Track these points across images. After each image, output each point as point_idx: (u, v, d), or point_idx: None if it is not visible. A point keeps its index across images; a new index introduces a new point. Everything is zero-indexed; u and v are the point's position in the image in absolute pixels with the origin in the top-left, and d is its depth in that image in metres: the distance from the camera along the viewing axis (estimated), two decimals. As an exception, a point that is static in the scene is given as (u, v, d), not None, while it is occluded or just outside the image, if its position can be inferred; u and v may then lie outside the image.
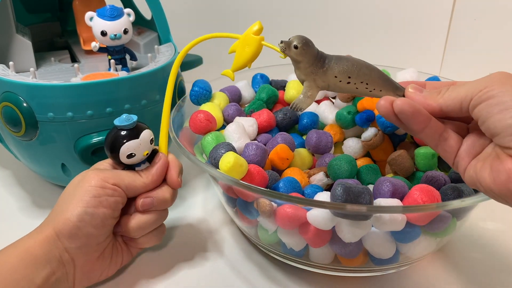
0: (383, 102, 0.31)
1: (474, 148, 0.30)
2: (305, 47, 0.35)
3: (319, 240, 0.35)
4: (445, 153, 0.31)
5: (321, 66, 0.35)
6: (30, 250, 0.32)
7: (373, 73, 0.35)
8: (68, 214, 0.33)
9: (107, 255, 0.37)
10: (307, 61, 0.35)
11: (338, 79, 0.35)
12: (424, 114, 0.30)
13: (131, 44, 0.51)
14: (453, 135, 0.30)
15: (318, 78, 0.35)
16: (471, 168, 0.29)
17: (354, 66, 0.35)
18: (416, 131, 0.30)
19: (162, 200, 0.37)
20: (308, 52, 0.35)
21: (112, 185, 0.35)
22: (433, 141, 0.31)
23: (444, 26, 0.67)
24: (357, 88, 0.35)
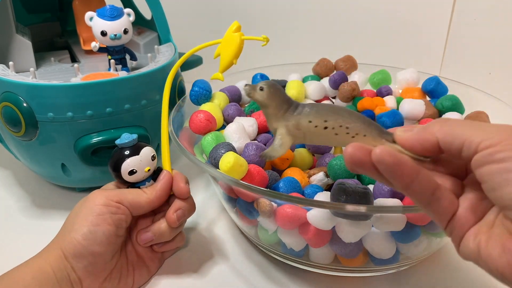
0: (352, 150, 0.24)
1: (475, 214, 0.24)
2: (272, 89, 0.32)
3: (319, 240, 0.35)
4: (437, 216, 0.25)
5: (292, 110, 0.32)
6: (42, 269, 0.32)
7: (353, 116, 0.31)
8: (73, 233, 0.33)
9: (115, 276, 0.36)
10: (276, 105, 0.32)
11: (313, 124, 0.32)
12: (410, 165, 0.23)
13: (131, 44, 0.51)
14: (448, 194, 0.25)
15: (291, 125, 0.32)
16: (470, 240, 0.24)
17: (331, 109, 0.32)
18: (401, 187, 0.24)
19: (159, 232, 0.37)
20: (276, 95, 0.32)
21: (115, 202, 0.35)
22: (422, 200, 0.24)
23: (444, 26, 0.67)
24: (337, 134, 0.31)
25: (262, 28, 0.77)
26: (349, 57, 0.54)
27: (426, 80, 0.49)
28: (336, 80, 0.49)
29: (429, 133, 0.25)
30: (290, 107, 0.32)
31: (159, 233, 0.37)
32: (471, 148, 0.23)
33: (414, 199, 0.25)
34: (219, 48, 0.39)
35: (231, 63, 0.37)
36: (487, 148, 0.22)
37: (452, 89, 0.49)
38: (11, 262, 0.33)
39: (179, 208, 0.37)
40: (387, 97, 0.48)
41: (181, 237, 0.40)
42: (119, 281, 0.37)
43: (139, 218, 0.39)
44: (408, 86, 0.51)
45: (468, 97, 0.47)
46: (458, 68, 0.69)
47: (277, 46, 0.74)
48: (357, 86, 0.48)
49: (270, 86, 0.32)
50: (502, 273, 0.22)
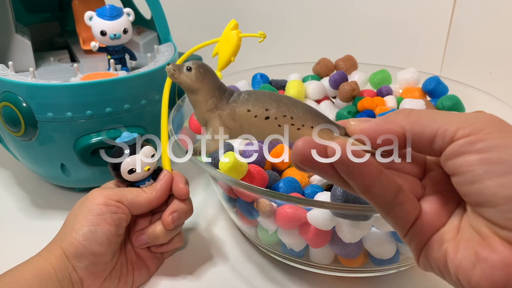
0: (302, 146, 0.20)
1: (438, 219, 0.22)
2: (202, 70, 0.27)
3: (319, 240, 0.35)
4: (398, 222, 0.22)
5: (227, 98, 0.27)
6: (43, 268, 0.32)
7: (298, 105, 0.26)
8: (74, 233, 0.33)
9: (114, 276, 0.36)
10: (207, 90, 0.27)
11: (253, 114, 0.27)
12: (372, 164, 0.20)
13: (130, 44, 0.51)
14: (410, 198, 0.22)
15: (225, 115, 0.27)
16: (434, 249, 0.21)
17: (272, 96, 0.27)
18: (360, 189, 0.21)
19: (153, 235, 0.37)
20: (207, 77, 0.27)
21: (115, 202, 0.35)
22: (383, 204, 0.21)
23: (445, 26, 0.67)
24: (280, 125, 0.26)
25: (262, 28, 0.77)
26: (349, 57, 0.54)
27: (427, 80, 0.49)
28: (336, 80, 0.49)
29: (393, 123, 0.22)
30: (224, 94, 0.27)
31: (153, 236, 0.37)
32: (446, 137, 0.20)
33: (374, 203, 0.21)
34: (217, 46, 0.39)
35: (229, 61, 0.37)
36: (467, 137, 0.19)
37: (452, 89, 0.49)
38: (11, 262, 0.33)
39: (175, 210, 0.37)
40: (388, 97, 0.48)
41: (180, 238, 0.40)
42: (119, 281, 0.37)
43: (138, 218, 0.38)
44: (409, 86, 0.51)
45: (469, 97, 0.47)
46: (458, 68, 0.69)
47: (277, 46, 0.74)
48: (357, 86, 0.48)
49: (199, 66, 0.27)
50: (478, 285, 0.19)
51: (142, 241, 0.37)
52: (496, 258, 0.18)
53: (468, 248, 0.20)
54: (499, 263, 0.18)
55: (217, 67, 0.39)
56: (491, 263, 0.19)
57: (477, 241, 0.19)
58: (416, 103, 0.45)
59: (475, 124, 0.19)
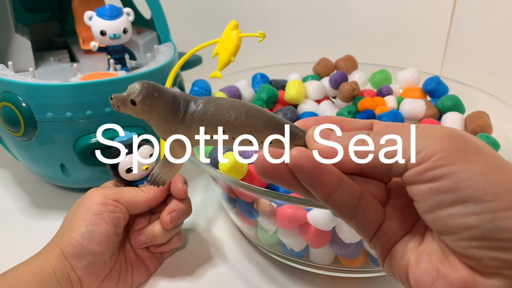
0: (263, 156, 0.20)
1: (403, 225, 0.21)
2: (148, 102, 0.23)
3: (319, 240, 0.35)
4: (361, 228, 0.21)
5: (180, 119, 0.24)
6: (42, 268, 0.32)
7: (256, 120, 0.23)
8: (72, 233, 0.33)
9: (114, 275, 0.36)
10: (157, 118, 0.24)
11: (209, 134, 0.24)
12: (332, 172, 0.20)
13: (130, 44, 0.51)
14: (373, 203, 0.21)
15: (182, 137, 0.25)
16: (397, 257, 0.21)
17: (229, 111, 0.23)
18: (321, 197, 0.20)
19: (152, 235, 0.37)
20: (155, 107, 0.23)
21: (113, 201, 0.35)
22: (345, 211, 0.21)
23: (445, 26, 0.67)
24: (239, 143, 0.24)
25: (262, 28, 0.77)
26: (350, 57, 0.54)
27: (427, 80, 0.49)
28: (336, 80, 0.49)
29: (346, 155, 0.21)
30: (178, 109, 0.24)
31: (152, 236, 0.37)
32: (399, 170, 0.19)
33: (336, 210, 0.21)
34: (217, 47, 0.39)
35: (229, 61, 0.37)
36: (416, 167, 0.18)
37: (452, 89, 0.49)
38: (10, 262, 0.33)
39: (173, 210, 0.37)
40: (388, 97, 0.48)
41: (179, 238, 0.40)
42: (118, 280, 0.37)
43: (137, 218, 0.38)
44: (409, 86, 0.51)
45: (469, 97, 0.47)
46: (458, 67, 0.69)
47: (277, 46, 0.74)
48: (357, 86, 0.48)
49: (145, 98, 0.23)
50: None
51: (141, 241, 0.37)
52: (455, 277, 0.18)
53: (429, 262, 0.19)
54: (458, 282, 0.18)
55: (217, 67, 0.39)
56: (449, 281, 0.18)
57: (438, 257, 0.19)
58: (417, 103, 0.45)
59: (423, 151, 0.18)
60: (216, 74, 0.40)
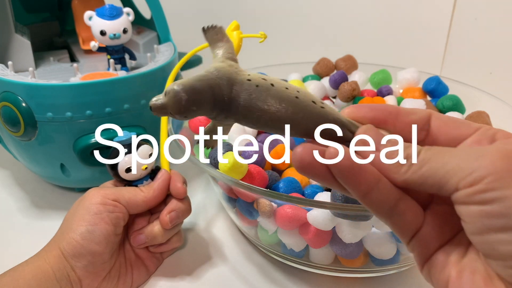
0: (301, 153, 0.20)
1: (442, 233, 0.21)
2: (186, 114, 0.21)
3: (319, 240, 0.35)
4: (399, 230, 0.21)
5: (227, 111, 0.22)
6: (42, 268, 0.32)
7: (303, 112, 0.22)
8: (71, 233, 0.33)
9: (113, 275, 0.36)
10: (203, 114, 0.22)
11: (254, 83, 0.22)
12: (369, 171, 0.20)
13: (130, 44, 0.51)
14: (412, 206, 0.21)
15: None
16: (437, 269, 0.20)
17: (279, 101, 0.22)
18: (357, 196, 0.20)
19: (151, 235, 0.37)
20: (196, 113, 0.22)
21: (112, 201, 0.35)
22: (382, 212, 0.20)
23: (445, 26, 0.67)
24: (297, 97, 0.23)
25: (262, 28, 0.77)
26: (350, 57, 0.54)
27: (427, 80, 0.49)
28: (336, 80, 0.49)
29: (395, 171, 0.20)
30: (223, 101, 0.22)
31: (152, 236, 0.37)
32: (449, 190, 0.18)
33: (371, 210, 0.20)
34: None
35: None
36: (468, 187, 0.18)
37: (453, 89, 0.49)
38: (10, 262, 0.33)
39: (173, 210, 0.37)
40: (388, 97, 0.48)
41: (178, 238, 0.40)
42: (118, 280, 0.37)
43: (136, 218, 0.38)
44: (409, 85, 0.51)
45: (469, 97, 0.47)
46: (459, 67, 0.69)
47: (277, 46, 0.74)
48: (357, 85, 0.48)
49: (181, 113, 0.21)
50: None
51: (140, 241, 0.37)
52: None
53: (472, 282, 0.19)
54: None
55: None
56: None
57: (482, 277, 0.18)
58: (417, 103, 0.44)
59: (475, 173, 0.17)
60: None
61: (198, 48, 0.42)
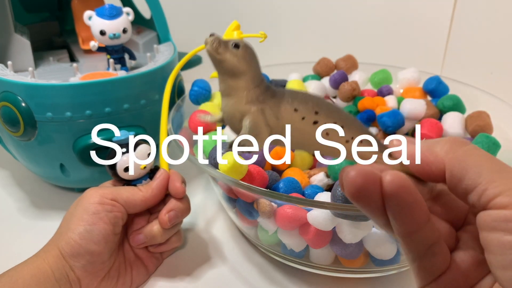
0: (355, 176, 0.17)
1: (466, 281, 0.19)
2: (250, 51, 0.23)
3: (319, 241, 0.35)
4: (422, 272, 0.19)
5: (271, 94, 0.23)
6: (41, 268, 0.32)
7: (343, 112, 0.23)
8: (70, 233, 0.33)
9: (113, 275, 0.36)
10: (252, 76, 0.22)
11: (300, 115, 0.22)
12: (424, 209, 0.18)
13: (130, 44, 0.51)
14: (445, 250, 0.19)
15: (269, 110, 0.22)
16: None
17: (319, 99, 0.23)
18: (402, 232, 0.18)
19: (150, 235, 0.37)
20: (254, 61, 0.23)
21: (110, 200, 0.35)
22: (416, 252, 0.19)
23: (445, 26, 0.67)
24: (328, 134, 0.22)
25: (262, 28, 0.77)
26: (350, 57, 0.54)
27: (427, 80, 0.49)
28: (336, 80, 0.49)
29: (435, 156, 0.19)
30: (266, 86, 0.23)
31: (151, 236, 0.37)
32: (482, 199, 0.17)
33: (407, 249, 0.19)
34: None
35: None
36: (504, 208, 0.16)
37: (453, 88, 0.49)
38: (10, 263, 0.33)
39: (172, 209, 0.37)
40: (388, 97, 0.48)
41: (178, 238, 0.40)
42: (117, 280, 0.36)
43: (135, 217, 0.38)
44: (409, 85, 0.51)
45: (470, 97, 0.47)
46: (459, 67, 0.69)
47: (277, 45, 0.74)
48: (357, 85, 0.48)
49: (247, 46, 0.22)
50: None
51: (139, 241, 0.37)
52: None
53: None
54: None
55: None
56: None
57: None
58: (417, 103, 0.44)
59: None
60: (216, 75, 0.40)
61: (198, 49, 0.42)
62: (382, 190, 0.17)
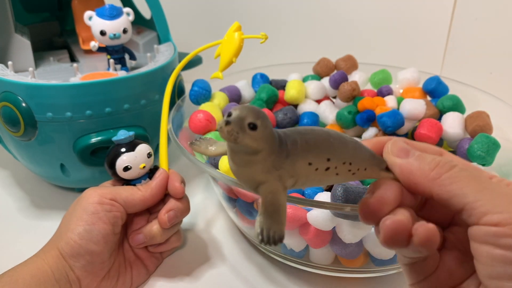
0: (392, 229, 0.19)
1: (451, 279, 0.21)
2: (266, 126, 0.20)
3: (319, 240, 0.35)
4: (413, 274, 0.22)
5: (285, 152, 0.21)
6: (41, 269, 0.32)
7: (349, 145, 0.23)
8: (69, 233, 0.33)
9: (113, 275, 0.36)
10: (270, 148, 0.21)
11: (314, 167, 0.22)
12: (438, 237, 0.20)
13: (130, 44, 0.51)
14: (435, 254, 0.21)
15: (285, 173, 0.21)
16: None
17: (329, 139, 0.22)
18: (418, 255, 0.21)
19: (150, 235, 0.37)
20: (270, 132, 0.21)
21: (109, 200, 0.35)
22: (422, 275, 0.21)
23: (445, 26, 0.67)
24: (338, 174, 0.23)
25: (262, 28, 0.77)
26: (350, 57, 0.54)
27: (427, 80, 0.49)
28: (336, 80, 0.49)
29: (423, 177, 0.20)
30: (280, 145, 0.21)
31: (150, 235, 0.37)
32: (472, 217, 0.18)
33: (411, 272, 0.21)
34: (219, 48, 0.39)
35: (230, 62, 0.37)
36: (494, 226, 0.17)
37: (453, 89, 0.49)
38: (10, 263, 0.33)
39: (171, 209, 0.37)
40: (388, 97, 0.48)
41: (177, 238, 0.40)
42: (117, 280, 0.36)
43: (135, 217, 0.38)
44: (409, 85, 0.51)
45: (469, 97, 0.47)
46: (459, 67, 0.69)
47: (277, 46, 0.74)
48: (357, 86, 0.48)
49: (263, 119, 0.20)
50: None
51: (139, 241, 0.37)
52: None
53: None
54: None
55: (219, 67, 0.40)
56: None
57: None
58: (417, 103, 0.44)
59: (506, 214, 0.17)
60: (217, 75, 0.40)
61: (199, 49, 0.42)
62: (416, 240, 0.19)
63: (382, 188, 0.21)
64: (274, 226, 0.20)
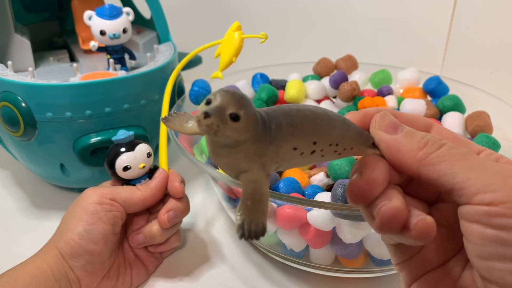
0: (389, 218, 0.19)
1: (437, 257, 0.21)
2: (250, 114, 0.18)
3: (319, 241, 0.35)
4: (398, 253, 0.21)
5: (269, 138, 0.19)
6: (41, 269, 0.32)
7: (337, 125, 0.21)
8: (69, 233, 0.33)
9: (112, 275, 0.36)
10: (254, 136, 0.19)
11: (299, 152, 0.20)
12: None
13: (130, 44, 0.51)
14: None
15: (269, 161, 0.20)
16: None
17: (315, 122, 0.20)
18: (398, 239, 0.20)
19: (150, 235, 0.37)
20: (254, 122, 0.19)
21: (109, 200, 0.35)
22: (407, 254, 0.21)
23: (445, 26, 0.67)
24: (323, 155, 0.21)
25: (262, 28, 0.77)
26: (350, 57, 0.54)
27: (427, 80, 0.49)
28: (336, 80, 0.49)
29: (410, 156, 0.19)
30: (265, 129, 0.19)
31: (150, 236, 0.37)
32: (462, 196, 0.17)
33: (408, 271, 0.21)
34: (219, 48, 0.39)
35: (230, 62, 0.37)
36: (486, 205, 0.17)
37: (453, 88, 0.49)
38: (10, 263, 0.33)
39: (171, 209, 0.36)
40: (388, 97, 0.48)
41: (177, 238, 0.40)
42: (117, 280, 0.36)
43: (135, 217, 0.38)
44: (409, 85, 0.51)
45: (469, 97, 0.47)
46: (459, 67, 0.69)
47: (277, 45, 0.74)
48: (357, 85, 0.48)
49: (247, 114, 0.18)
50: None
51: (139, 241, 0.37)
52: None
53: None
54: None
55: (219, 67, 0.40)
56: None
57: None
58: (417, 103, 0.44)
59: (498, 192, 0.16)
60: (217, 75, 0.40)
61: (199, 49, 0.42)
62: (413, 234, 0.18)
63: (370, 168, 0.20)
64: (255, 219, 0.18)
